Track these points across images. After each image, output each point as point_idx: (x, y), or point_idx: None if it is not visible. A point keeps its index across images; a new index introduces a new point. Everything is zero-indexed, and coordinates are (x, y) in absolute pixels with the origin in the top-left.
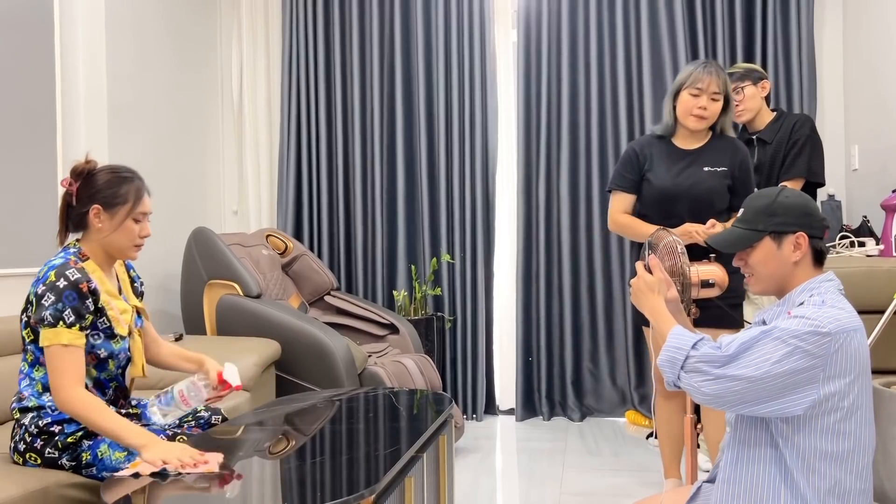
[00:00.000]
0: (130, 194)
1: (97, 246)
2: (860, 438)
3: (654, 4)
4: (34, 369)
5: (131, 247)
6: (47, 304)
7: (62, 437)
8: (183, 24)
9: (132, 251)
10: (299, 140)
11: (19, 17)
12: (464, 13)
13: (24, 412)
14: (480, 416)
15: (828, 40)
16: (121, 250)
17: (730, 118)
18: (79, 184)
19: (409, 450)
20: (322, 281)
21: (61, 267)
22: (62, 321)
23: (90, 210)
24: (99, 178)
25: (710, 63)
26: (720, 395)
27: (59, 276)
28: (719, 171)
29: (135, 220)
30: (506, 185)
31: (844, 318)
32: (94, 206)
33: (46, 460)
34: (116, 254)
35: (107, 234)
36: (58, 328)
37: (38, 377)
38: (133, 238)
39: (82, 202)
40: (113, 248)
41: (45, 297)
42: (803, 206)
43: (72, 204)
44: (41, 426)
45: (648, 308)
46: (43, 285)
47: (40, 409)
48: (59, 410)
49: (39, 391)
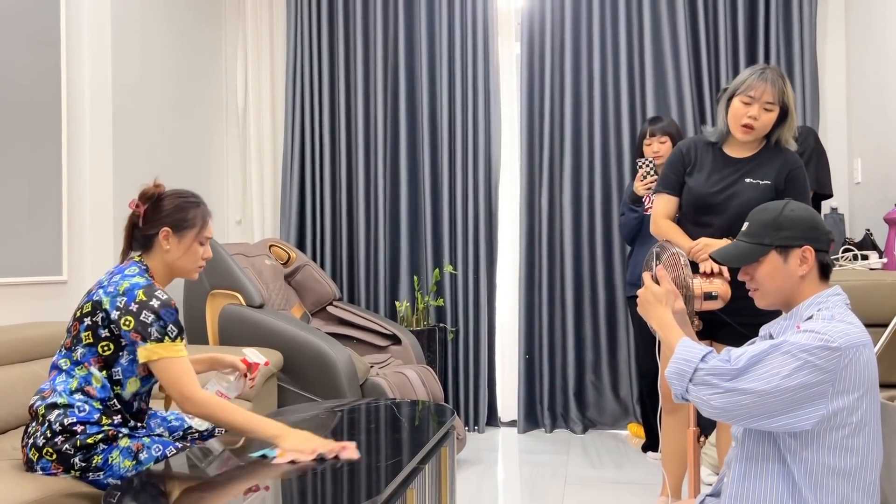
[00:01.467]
0: (198, 219)
1: (162, 265)
2: (868, 454)
3: (657, 19)
4: (77, 368)
5: (195, 268)
6: (149, 321)
7: (83, 437)
8: (188, 35)
9: (195, 272)
10: (303, 151)
11: (26, 26)
12: (467, 25)
13: (50, 409)
14: (482, 427)
15: (830, 53)
16: (185, 271)
17: (789, 129)
18: (146, 207)
19: (410, 461)
20: (325, 291)
21: (149, 288)
22: (168, 336)
23: (160, 232)
24: (167, 202)
25: (769, 70)
26: (729, 408)
27: (151, 296)
28: (762, 185)
29: (199, 243)
30: (509, 196)
31: (854, 333)
32: (164, 228)
33: (61, 457)
34: (180, 274)
35: (175, 255)
36: (165, 343)
37: (79, 376)
38: (197, 260)
39: (150, 224)
40: (178, 268)
41: (143, 315)
42: (809, 220)
43: (138, 225)
44: (65, 424)
45: (656, 319)
46: (134, 303)
47: (68, 408)
48: (86, 410)
49: (72, 389)
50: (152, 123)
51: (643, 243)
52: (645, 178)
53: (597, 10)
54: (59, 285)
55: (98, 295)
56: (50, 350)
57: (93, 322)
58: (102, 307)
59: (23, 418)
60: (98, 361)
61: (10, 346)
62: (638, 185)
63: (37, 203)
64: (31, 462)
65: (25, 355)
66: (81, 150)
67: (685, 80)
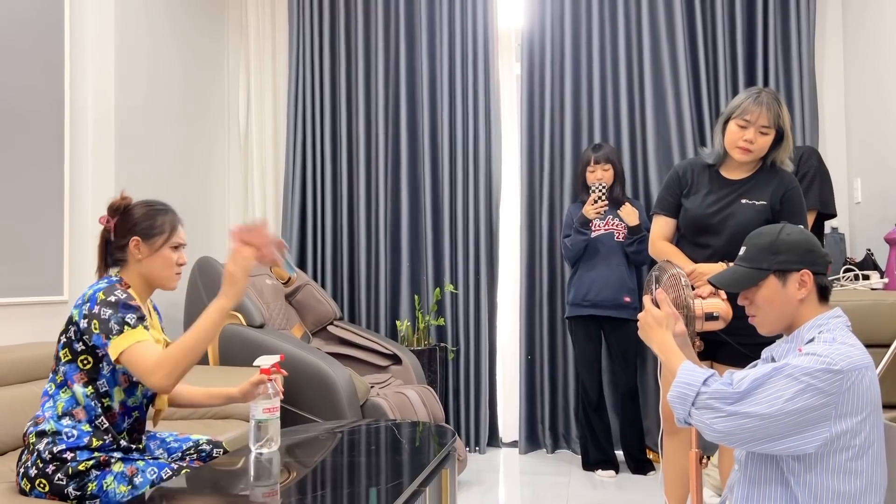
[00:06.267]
0: (167, 225)
1: (137, 276)
2: (872, 476)
3: (657, 40)
4: (61, 391)
5: (172, 275)
6: (107, 317)
7: (73, 465)
8: (191, 53)
9: (173, 280)
10: (304, 170)
11: (30, 46)
12: (468, 46)
13: (39, 437)
14: (483, 448)
15: (829, 74)
16: (161, 279)
17: (785, 151)
18: (116, 219)
19: (411, 483)
20: (325, 311)
21: (109, 287)
22: (127, 325)
23: (129, 242)
24: (135, 211)
25: (764, 93)
26: (732, 432)
27: (110, 294)
28: (758, 205)
29: (172, 248)
30: (509, 215)
31: (856, 356)
32: (134, 237)
33: (54, 487)
34: (157, 283)
35: (147, 263)
36: (125, 332)
37: (64, 399)
38: (171, 266)
39: (120, 235)
40: (154, 276)
41: (102, 312)
42: (805, 243)
43: (110, 240)
44: (55, 452)
45: (657, 343)
46: (97, 305)
47: (56, 435)
48: (74, 435)
49: (59, 415)
50: (154, 142)
51: (587, 266)
52: (596, 202)
53: (596, 32)
54: (59, 305)
55: (70, 312)
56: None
57: (67, 338)
58: (73, 320)
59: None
60: (82, 378)
61: (10, 366)
62: (589, 209)
63: (38, 223)
64: (24, 492)
65: (25, 376)
66: (84, 169)
67: (684, 102)
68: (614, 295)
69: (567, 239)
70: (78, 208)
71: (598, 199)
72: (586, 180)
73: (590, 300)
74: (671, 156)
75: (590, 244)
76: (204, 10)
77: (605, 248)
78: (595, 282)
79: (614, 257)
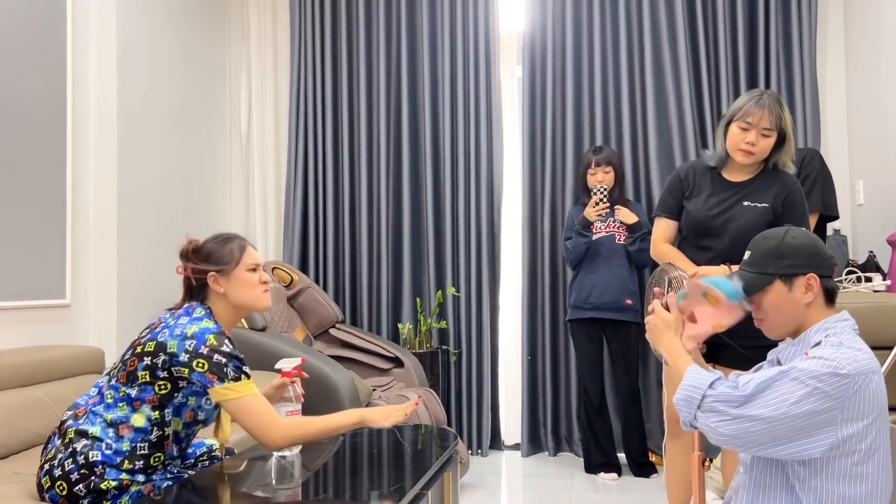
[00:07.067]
0: (235, 251)
1: (223, 308)
2: (878, 481)
3: (658, 43)
4: (122, 404)
5: (259, 294)
6: (224, 363)
7: (98, 480)
8: (192, 58)
9: (261, 299)
10: (306, 173)
11: (32, 49)
12: (469, 49)
13: (79, 435)
14: (486, 451)
15: (831, 76)
16: (248, 301)
17: (787, 153)
18: (190, 264)
19: (413, 487)
20: (327, 314)
21: (219, 335)
22: (245, 375)
23: (209, 279)
24: (205, 248)
25: (766, 95)
26: (737, 435)
27: (222, 343)
28: (760, 208)
29: (250, 271)
30: (511, 218)
31: (862, 360)
32: (210, 274)
33: (71, 495)
34: (247, 306)
35: (230, 293)
36: (242, 381)
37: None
38: (255, 288)
39: (198, 276)
40: (240, 302)
41: (214, 356)
42: (811, 247)
43: (192, 285)
44: (89, 460)
45: (665, 346)
46: (205, 346)
47: (97, 441)
48: (113, 448)
49: (108, 423)
50: (156, 146)
51: (588, 269)
52: (598, 204)
53: (597, 34)
54: (62, 309)
55: (164, 336)
56: (53, 374)
57: (153, 363)
58: (167, 350)
59: (25, 443)
60: (153, 401)
61: (12, 369)
62: (590, 211)
63: (41, 226)
64: (42, 488)
65: (28, 379)
66: (86, 173)
67: (686, 104)
68: (616, 297)
69: (568, 241)
70: (80, 212)
71: (600, 201)
72: (587, 183)
73: (591, 303)
74: (672, 158)
75: (591, 247)
76: (205, 14)
77: (607, 251)
78: (596, 284)
79: (616, 260)
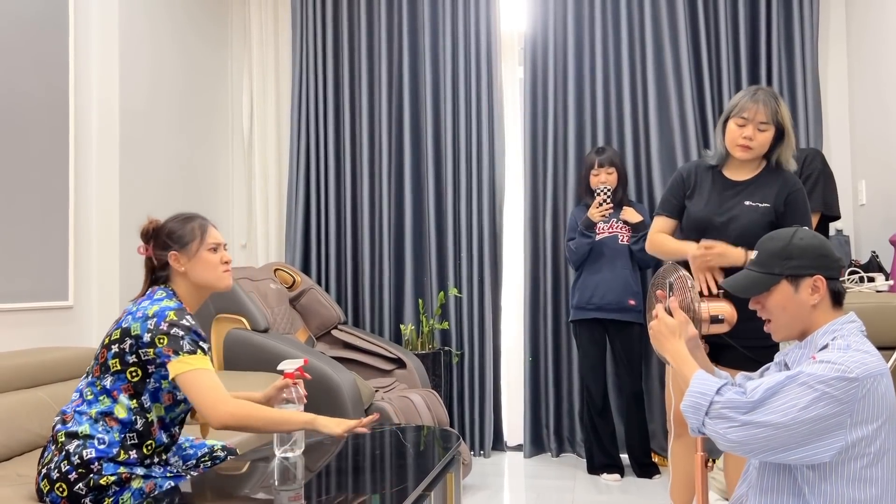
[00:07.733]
0: (196, 230)
1: (186, 287)
2: (888, 484)
3: (660, 43)
4: (103, 396)
5: (219, 274)
6: (179, 335)
7: (96, 477)
8: (194, 60)
9: (222, 279)
10: (308, 175)
11: (34, 51)
12: (471, 50)
13: (70, 437)
14: (488, 452)
15: (833, 75)
16: (209, 281)
17: (788, 148)
18: (150, 244)
19: (416, 488)
20: (329, 315)
21: (179, 311)
22: (200, 350)
23: (169, 258)
24: (164, 228)
25: (760, 90)
26: (746, 441)
27: (182, 317)
28: (761, 207)
29: (210, 250)
30: (513, 219)
31: (871, 363)
32: (171, 252)
33: (72, 496)
34: (207, 285)
35: (190, 272)
36: (197, 355)
37: (102, 405)
38: (216, 267)
39: (160, 257)
40: (201, 281)
41: (172, 330)
42: (818, 248)
43: (154, 265)
44: (84, 458)
45: (670, 352)
46: (165, 322)
47: (88, 438)
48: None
49: (94, 418)
50: (158, 148)
51: (591, 269)
52: (601, 205)
53: (599, 34)
54: (65, 310)
55: (127, 322)
56: (56, 376)
57: (120, 349)
58: (132, 333)
59: (28, 444)
60: (128, 389)
61: (15, 371)
62: (593, 212)
63: (43, 228)
64: (42, 493)
65: (31, 381)
66: (88, 175)
67: (688, 105)
68: (619, 298)
69: (571, 242)
70: (82, 214)
71: (603, 202)
72: (590, 183)
73: (594, 303)
74: (674, 158)
75: (594, 247)
76: (207, 16)
77: (610, 251)
78: (599, 285)
79: (618, 260)
